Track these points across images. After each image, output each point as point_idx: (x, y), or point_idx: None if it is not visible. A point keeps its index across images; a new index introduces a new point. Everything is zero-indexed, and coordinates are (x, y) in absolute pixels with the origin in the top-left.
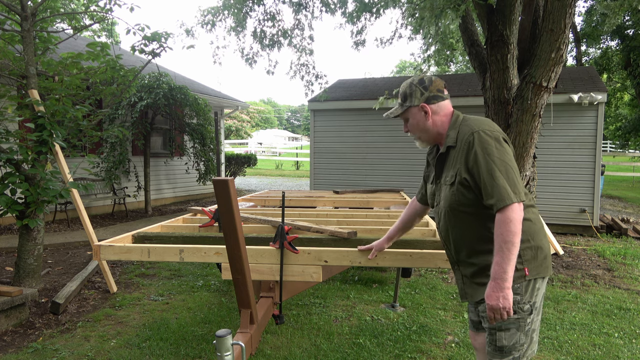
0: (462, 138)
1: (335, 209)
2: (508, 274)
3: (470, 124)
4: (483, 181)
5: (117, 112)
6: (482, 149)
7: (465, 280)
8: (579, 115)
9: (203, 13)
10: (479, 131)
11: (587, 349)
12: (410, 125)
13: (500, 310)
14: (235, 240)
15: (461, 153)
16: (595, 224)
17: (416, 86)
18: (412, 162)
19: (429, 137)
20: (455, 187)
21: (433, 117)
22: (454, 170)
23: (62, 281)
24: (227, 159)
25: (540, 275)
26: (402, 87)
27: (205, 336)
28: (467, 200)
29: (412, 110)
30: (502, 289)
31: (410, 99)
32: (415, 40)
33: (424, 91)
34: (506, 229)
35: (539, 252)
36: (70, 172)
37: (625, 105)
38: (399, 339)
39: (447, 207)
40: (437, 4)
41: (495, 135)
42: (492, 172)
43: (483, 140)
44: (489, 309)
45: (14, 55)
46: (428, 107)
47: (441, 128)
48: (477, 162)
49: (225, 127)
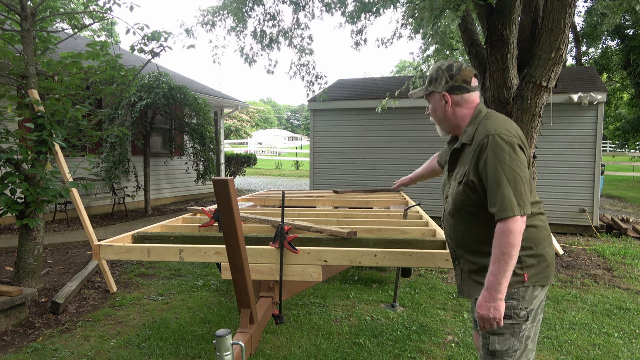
0: (478, 138)
1: (335, 209)
2: (502, 285)
3: (488, 125)
4: (490, 188)
5: (117, 112)
6: (494, 154)
7: (464, 276)
8: (579, 115)
9: (203, 13)
10: (494, 135)
11: (587, 349)
12: (431, 110)
13: (490, 320)
14: (235, 240)
15: (474, 154)
16: (595, 224)
17: (444, 72)
18: (412, 162)
19: (448, 127)
20: (462, 187)
21: (454, 108)
22: (464, 169)
23: (62, 281)
24: (227, 159)
25: (539, 284)
26: (432, 70)
27: (205, 336)
28: (472, 202)
29: (434, 95)
30: (495, 300)
31: (435, 84)
32: (415, 40)
33: (450, 80)
34: (505, 240)
35: (541, 261)
36: (70, 172)
37: (625, 105)
38: (399, 339)
39: (452, 205)
40: (437, 4)
41: (512, 141)
42: (500, 180)
43: (497, 145)
44: (480, 318)
45: (14, 55)
46: (450, 97)
47: (461, 120)
48: (486, 167)
49: (225, 127)
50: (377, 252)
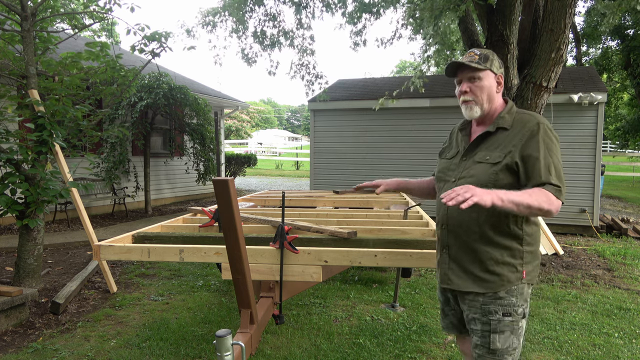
0: (523, 124)
1: (335, 209)
2: (509, 200)
3: (532, 115)
4: (537, 170)
5: (117, 112)
6: (545, 143)
7: (451, 265)
8: (579, 115)
9: (204, 14)
10: (544, 124)
11: (587, 349)
12: (478, 86)
13: (469, 193)
14: (235, 240)
15: (518, 138)
16: (595, 224)
17: (496, 58)
18: (412, 162)
19: (487, 107)
20: (499, 167)
21: (499, 94)
22: (502, 152)
23: (62, 281)
24: (227, 159)
25: (530, 282)
26: (483, 51)
27: (205, 336)
28: (505, 184)
29: (490, 73)
30: (493, 194)
31: (492, 63)
32: (415, 40)
33: (501, 67)
34: (543, 201)
35: (535, 258)
36: (70, 172)
37: (625, 105)
38: (399, 339)
39: (477, 184)
40: (437, 4)
41: (557, 137)
42: (549, 167)
43: (549, 136)
44: (465, 188)
45: (14, 55)
46: (502, 81)
47: (498, 106)
48: (537, 153)
49: (225, 127)
50: (377, 252)
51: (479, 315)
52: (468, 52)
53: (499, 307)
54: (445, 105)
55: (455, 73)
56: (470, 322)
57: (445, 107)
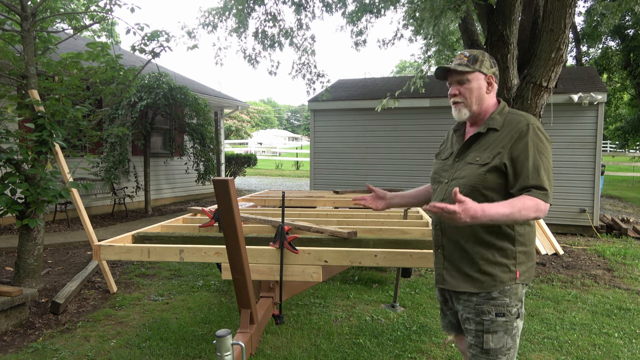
0: (513, 125)
1: (335, 209)
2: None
3: (522, 115)
4: (525, 172)
5: (117, 112)
6: (534, 144)
7: (446, 265)
8: (579, 115)
9: (204, 14)
10: (534, 125)
11: (587, 349)
12: (467, 88)
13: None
14: (235, 240)
15: (507, 139)
16: (595, 224)
17: (487, 58)
18: (412, 162)
19: (476, 109)
20: (487, 168)
21: (490, 94)
22: (491, 152)
23: (62, 281)
24: (227, 159)
25: (526, 282)
26: (473, 52)
27: (205, 336)
28: (494, 185)
29: (479, 75)
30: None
31: (481, 64)
32: (415, 42)
33: (493, 66)
34: (529, 208)
35: (530, 259)
36: (70, 172)
37: (625, 105)
38: (399, 339)
39: (467, 185)
40: (437, 4)
41: (548, 137)
42: (539, 168)
43: (539, 137)
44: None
45: (14, 55)
46: (494, 81)
47: (490, 106)
48: (526, 154)
49: (225, 127)
50: (377, 252)
51: (472, 315)
52: (458, 54)
53: (492, 307)
54: (445, 105)
55: (445, 76)
56: (464, 322)
57: (445, 107)
